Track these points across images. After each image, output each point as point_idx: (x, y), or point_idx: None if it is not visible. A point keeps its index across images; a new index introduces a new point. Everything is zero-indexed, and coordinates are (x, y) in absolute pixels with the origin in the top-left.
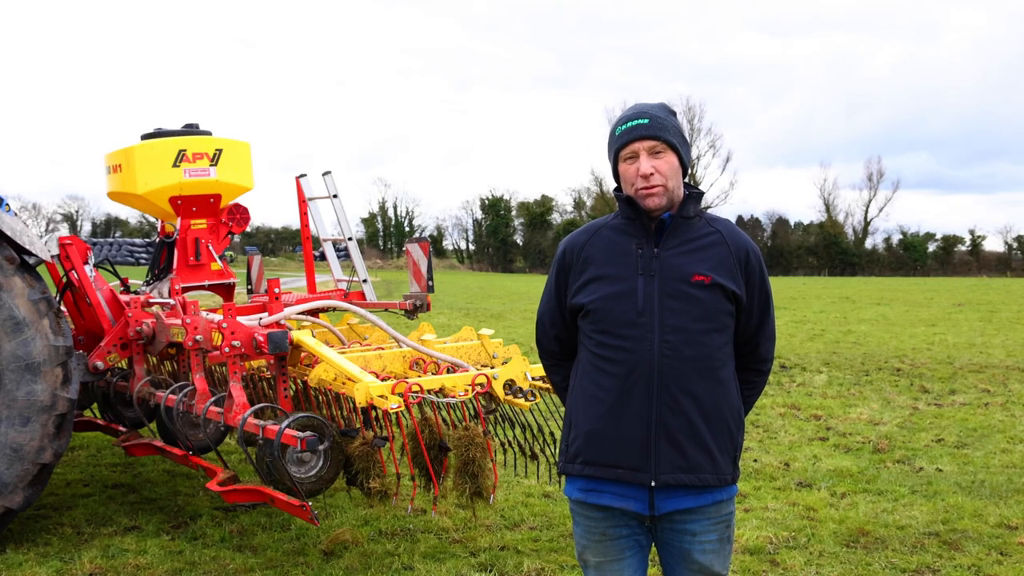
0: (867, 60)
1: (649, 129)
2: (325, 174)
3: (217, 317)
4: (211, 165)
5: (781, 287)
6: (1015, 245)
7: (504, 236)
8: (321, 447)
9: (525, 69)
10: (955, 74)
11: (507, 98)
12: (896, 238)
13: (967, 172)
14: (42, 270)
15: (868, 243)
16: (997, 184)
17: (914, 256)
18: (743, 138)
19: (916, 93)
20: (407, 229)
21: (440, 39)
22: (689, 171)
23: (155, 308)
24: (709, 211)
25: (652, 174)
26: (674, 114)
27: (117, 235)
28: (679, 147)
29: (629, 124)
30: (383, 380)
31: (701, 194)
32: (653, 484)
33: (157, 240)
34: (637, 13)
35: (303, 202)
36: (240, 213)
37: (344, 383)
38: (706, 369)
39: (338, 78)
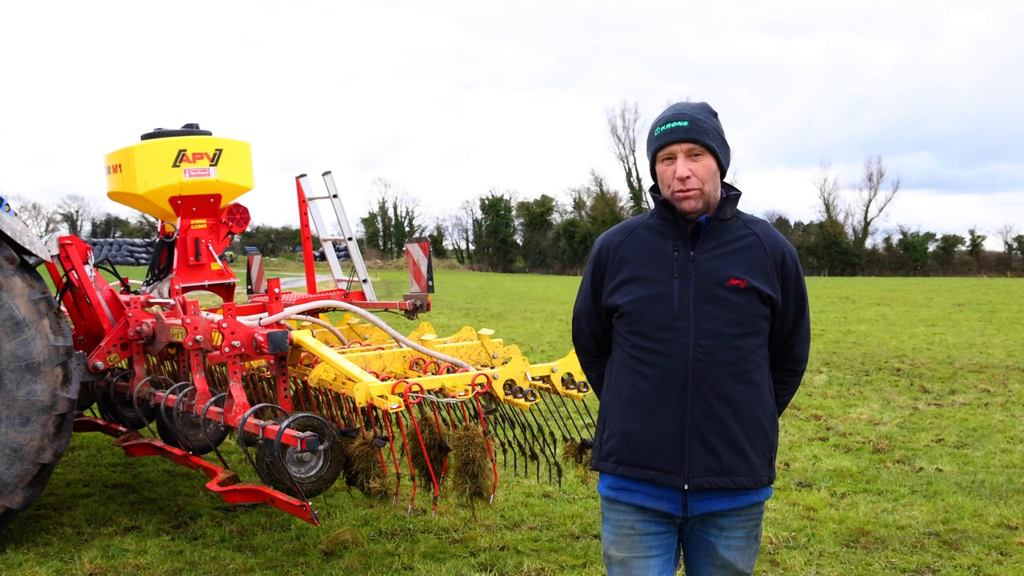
0: (868, 60)
1: (688, 132)
2: (325, 174)
3: (217, 317)
4: (211, 165)
5: None
6: (1015, 245)
7: (504, 236)
8: (321, 447)
9: (525, 69)
10: (956, 74)
11: (507, 98)
12: (896, 238)
13: (968, 172)
14: (42, 270)
15: (868, 243)
16: (998, 184)
17: (914, 256)
18: (744, 138)
19: (917, 93)
20: (407, 229)
21: (440, 39)
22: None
23: (155, 308)
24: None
25: (689, 177)
26: (715, 115)
27: (117, 235)
28: (718, 150)
29: (668, 126)
30: (383, 380)
31: (739, 195)
32: (686, 487)
33: (157, 240)
34: (638, 13)
35: (303, 202)
36: (240, 213)
37: (344, 383)
38: (740, 373)
39: (338, 78)
